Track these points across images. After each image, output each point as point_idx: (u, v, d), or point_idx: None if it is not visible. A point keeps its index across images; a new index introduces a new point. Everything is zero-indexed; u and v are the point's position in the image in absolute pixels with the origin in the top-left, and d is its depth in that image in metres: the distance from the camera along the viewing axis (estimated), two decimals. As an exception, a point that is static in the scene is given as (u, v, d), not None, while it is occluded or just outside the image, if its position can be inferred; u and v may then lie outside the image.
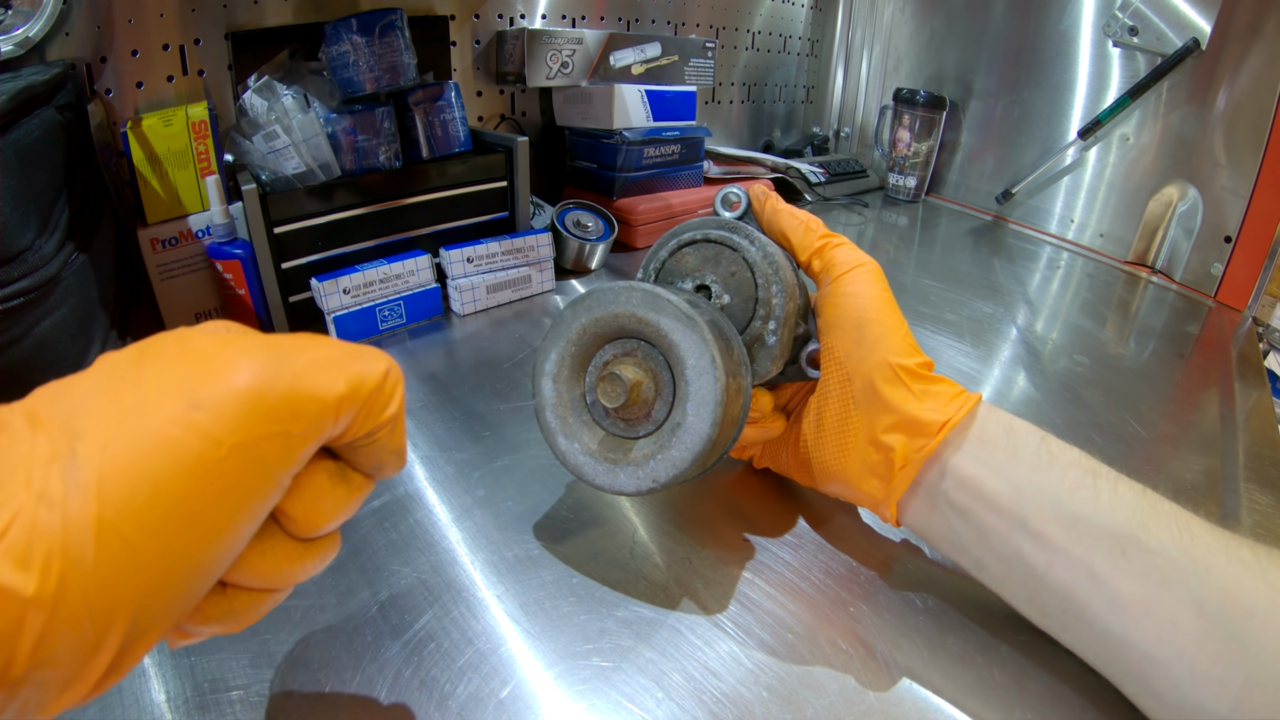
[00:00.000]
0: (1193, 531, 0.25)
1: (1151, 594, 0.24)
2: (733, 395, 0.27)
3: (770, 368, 0.32)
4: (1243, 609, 0.23)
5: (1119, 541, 0.25)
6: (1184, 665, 0.23)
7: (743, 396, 0.29)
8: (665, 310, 0.27)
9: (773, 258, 0.32)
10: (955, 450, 0.29)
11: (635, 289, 0.28)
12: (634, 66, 0.77)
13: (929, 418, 0.29)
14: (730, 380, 0.27)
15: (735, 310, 0.32)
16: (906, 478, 0.30)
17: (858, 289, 0.32)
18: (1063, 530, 0.26)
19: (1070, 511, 0.26)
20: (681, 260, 0.33)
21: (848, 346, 0.32)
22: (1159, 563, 0.24)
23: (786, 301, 0.31)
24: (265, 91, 0.54)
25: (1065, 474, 0.27)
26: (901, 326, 0.31)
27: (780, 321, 0.31)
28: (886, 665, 0.28)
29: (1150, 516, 0.25)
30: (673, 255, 0.33)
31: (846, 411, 0.32)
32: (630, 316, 0.28)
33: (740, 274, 0.32)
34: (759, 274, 0.31)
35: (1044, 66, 0.93)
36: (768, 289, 0.31)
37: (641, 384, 0.28)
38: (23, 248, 0.38)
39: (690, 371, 0.27)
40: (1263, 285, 0.72)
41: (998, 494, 0.28)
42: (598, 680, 0.27)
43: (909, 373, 0.30)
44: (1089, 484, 0.27)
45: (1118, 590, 0.25)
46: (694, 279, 0.33)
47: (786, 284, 0.31)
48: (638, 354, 0.29)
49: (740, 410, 0.29)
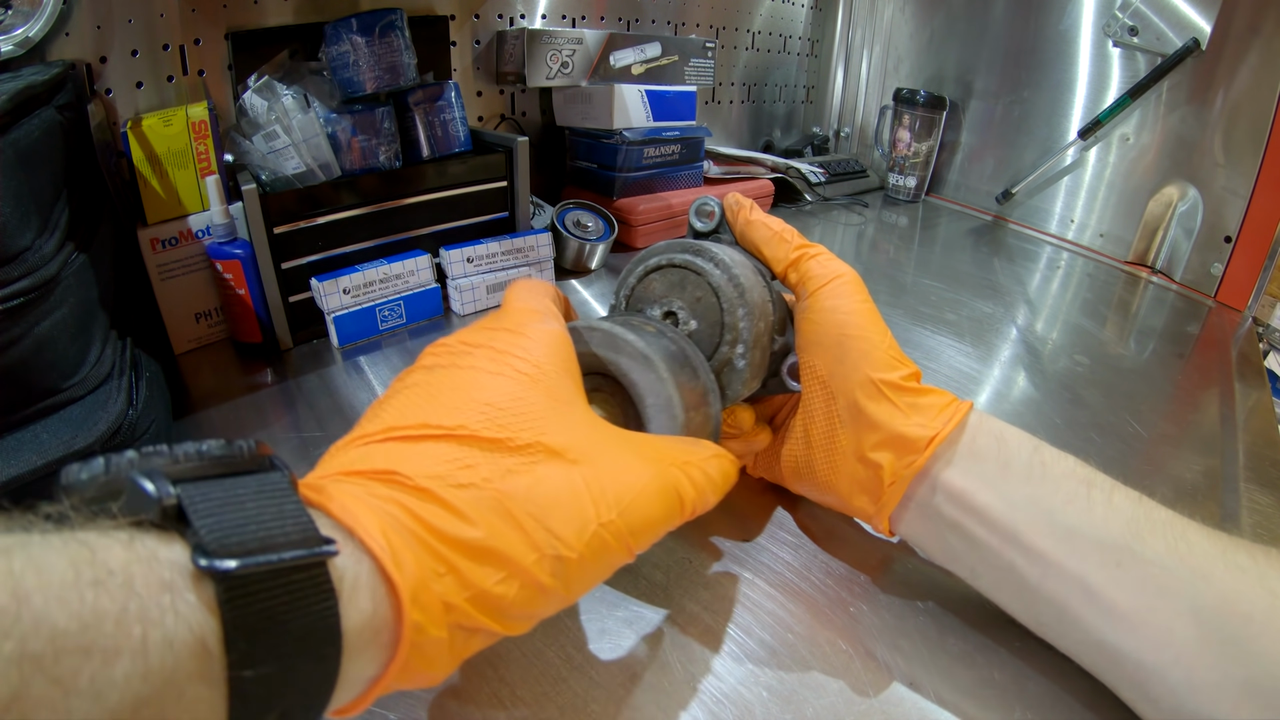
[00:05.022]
0: (1189, 539, 0.25)
1: (1147, 604, 0.24)
2: (697, 426, 0.28)
3: (742, 390, 0.31)
4: (1240, 614, 0.23)
5: (1113, 553, 0.25)
6: (1181, 672, 0.23)
7: (710, 424, 0.29)
8: (623, 350, 0.28)
9: (738, 280, 0.31)
10: (945, 465, 0.28)
11: (596, 329, 0.28)
12: (634, 66, 0.77)
13: (916, 434, 0.28)
14: (691, 414, 0.27)
15: (702, 335, 0.31)
16: (896, 494, 0.29)
17: (835, 304, 0.31)
18: (1055, 544, 0.26)
19: (1063, 524, 0.26)
20: (649, 286, 0.33)
21: (830, 365, 0.31)
22: (1154, 573, 0.24)
23: (755, 323, 0.30)
24: (265, 91, 0.54)
25: (1058, 486, 0.27)
26: (884, 338, 0.31)
27: (749, 344, 0.30)
28: (886, 665, 0.28)
29: (1145, 526, 0.25)
30: (640, 281, 0.33)
31: (833, 429, 0.31)
32: (592, 356, 0.28)
33: (706, 298, 0.31)
34: (724, 298, 0.30)
35: (1044, 66, 0.93)
36: (733, 313, 0.30)
37: None
38: (23, 248, 0.38)
39: (650, 410, 0.27)
40: (1263, 285, 0.72)
41: (989, 508, 0.27)
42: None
43: (893, 388, 0.29)
44: (1083, 495, 0.26)
45: (1112, 602, 0.24)
46: (662, 305, 0.32)
47: (753, 305, 0.31)
48: (604, 390, 0.29)
49: (710, 437, 0.29)
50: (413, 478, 0.18)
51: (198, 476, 0.14)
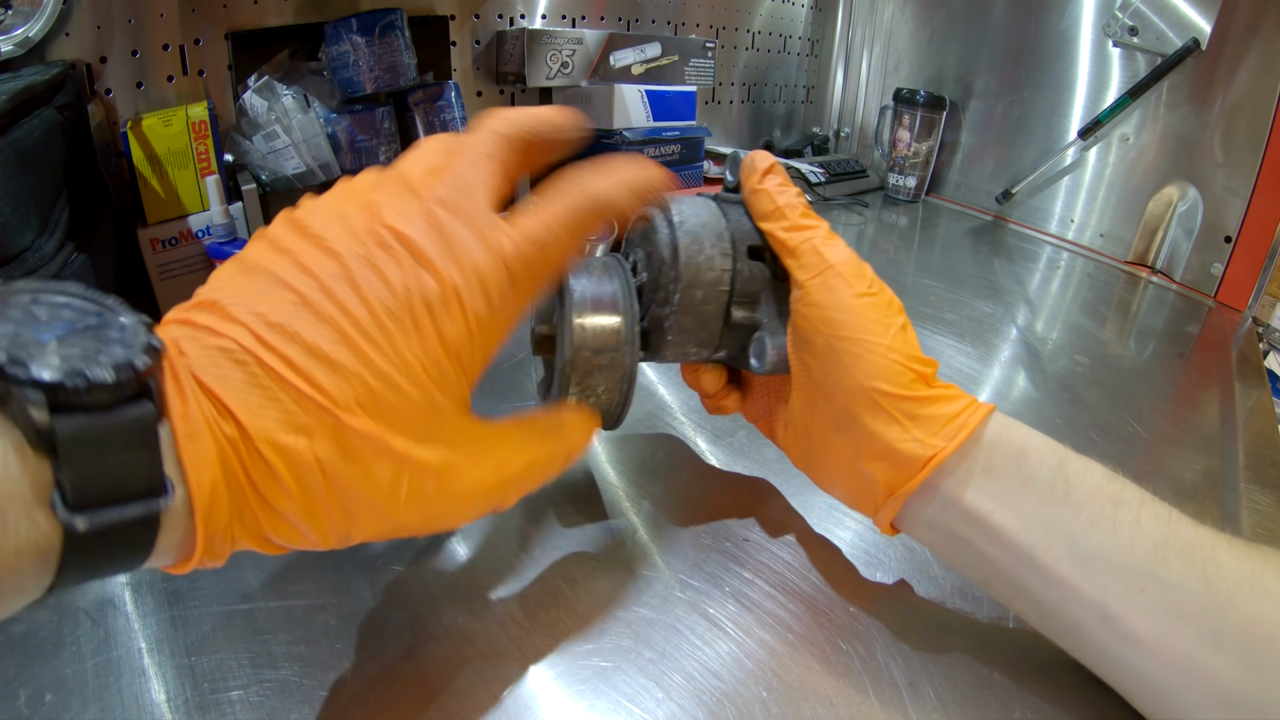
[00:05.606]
0: (1217, 561, 0.23)
1: (1168, 631, 0.23)
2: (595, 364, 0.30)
3: (668, 350, 0.32)
4: (1263, 638, 0.22)
5: (1137, 579, 0.23)
6: (1198, 693, 0.22)
7: (619, 370, 0.30)
8: (575, 269, 0.31)
9: (679, 244, 0.31)
10: (956, 482, 0.26)
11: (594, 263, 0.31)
12: (634, 66, 0.78)
13: (912, 451, 0.26)
14: (587, 355, 0.29)
15: (647, 288, 0.32)
16: (894, 508, 0.28)
17: (826, 299, 0.28)
18: (1075, 568, 0.24)
19: (1085, 549, 0.24)
20: (633, 232, 0.35)
21: (822, 368, 0.28)
22: (1179, 598, 0.23)
23: (687, 290, 0.30)
24: (265, 91, 0.54)
25: (1082, 507, 0.25)
26: (884, 337, 0.27)
27: (675, 308, 0.31)
28: (886, 665, 0.28)
29: (1172, 549, 0.24)
30: (632, 226, 0.35)
31: (829, 434, 0.29)
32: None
33: (655, 254, 0.32)
34: (662, 259, 0.31)
35: (1044, 66, 0.93)
36: (666, 275, 0.31)
37: (551, 336, 0.32)
38: (23, 248, 0.38)
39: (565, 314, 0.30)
40: (1263, 285, 0.73)
41: (1004, 528, 0.25)
42: (598, 680, 0.27)
43: (891, 398, 0.26)
44: (1109, 516, 0.25)
45: (1132, 628, 0.23)
46: (632, 254, 0.34)
47: (687, 271, 0.30)
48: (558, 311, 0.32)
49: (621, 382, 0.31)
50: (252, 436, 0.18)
51: (79, 407, 0.15)
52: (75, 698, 0.25)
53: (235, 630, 0.28)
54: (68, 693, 0.25)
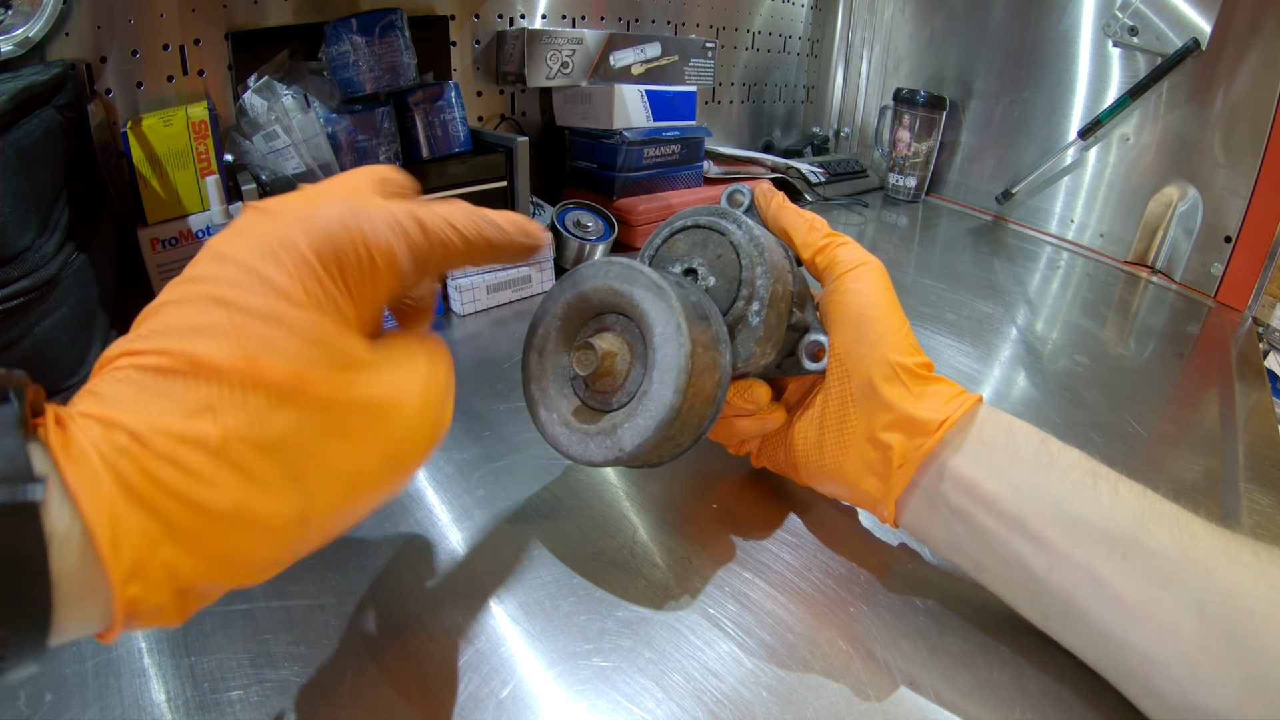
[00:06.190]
0: (1193, 533, 0.25)
1: (1153, 596, 0.24)
2: (703, 367, 0.27)
3: (755, 350, 0.31)
4: (1244, 610, 0.23)
5: (1120, 544, 0.25)
6: (1185, 666, 0.23)
7: (718, 372, 0.28)
8: (637, 281, 0.28)
9: (759, 241, 0.32)
10: (954, 452, 0.29)
11: (614, 263, 0.29)
12: (634, 66, 0.78)
13: (927, 416, 0.29)
14: (699, 350, 0.27)
15: (720, 292, 0.32)
16: (904, 476, 0.29)
17: (860, 287, 0.32)
18: (1063, 533, 0.26)
19: (1070, 514, 0.26)
20: (673, 246, 0.34)
21: (848, 343, 0.32)
22: (1160, 565, 0.24)
23: (772, 284, 0.31)
24: (265, 91, 0.54)
25: (1065, 476, 0.27)
26: (903, 326, 0.32)
27: (765, 303, 0.31)
28: (886, 665, 0.28)
29: (1151, 518, 0.25)
30: (665, 242, 0.34)
31: (845, 408, 0.32)
32: (608, 290, 0.29)
33: (725, 256, 0.32)
34: (743, 255, 0.31)
35: (1044, 66, 0.93)
36: (751, 269, 0.31)
37: (616, 354, 0.28)
38: (23, 248, 0.38)
39: (657, 339, 0.27)
40: (1263, 285, 0.72)
41: (997, 496, 0.28)
42: (598, 680, 0.27)
43: (908, 371, 0.30)
44: (1089, 486, 0.27)
45: (1119, 593, 0.25)
46: (683, 263, 0.33)
47: (772, 266, 0.31)
48: (616, 327, 0.29)
49: (715, 387, 0.28)
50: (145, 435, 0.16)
51: None
52: (75, 698, 0.25)
53: (235, 630, 0.28)
54: (68, 693, 0.25)
